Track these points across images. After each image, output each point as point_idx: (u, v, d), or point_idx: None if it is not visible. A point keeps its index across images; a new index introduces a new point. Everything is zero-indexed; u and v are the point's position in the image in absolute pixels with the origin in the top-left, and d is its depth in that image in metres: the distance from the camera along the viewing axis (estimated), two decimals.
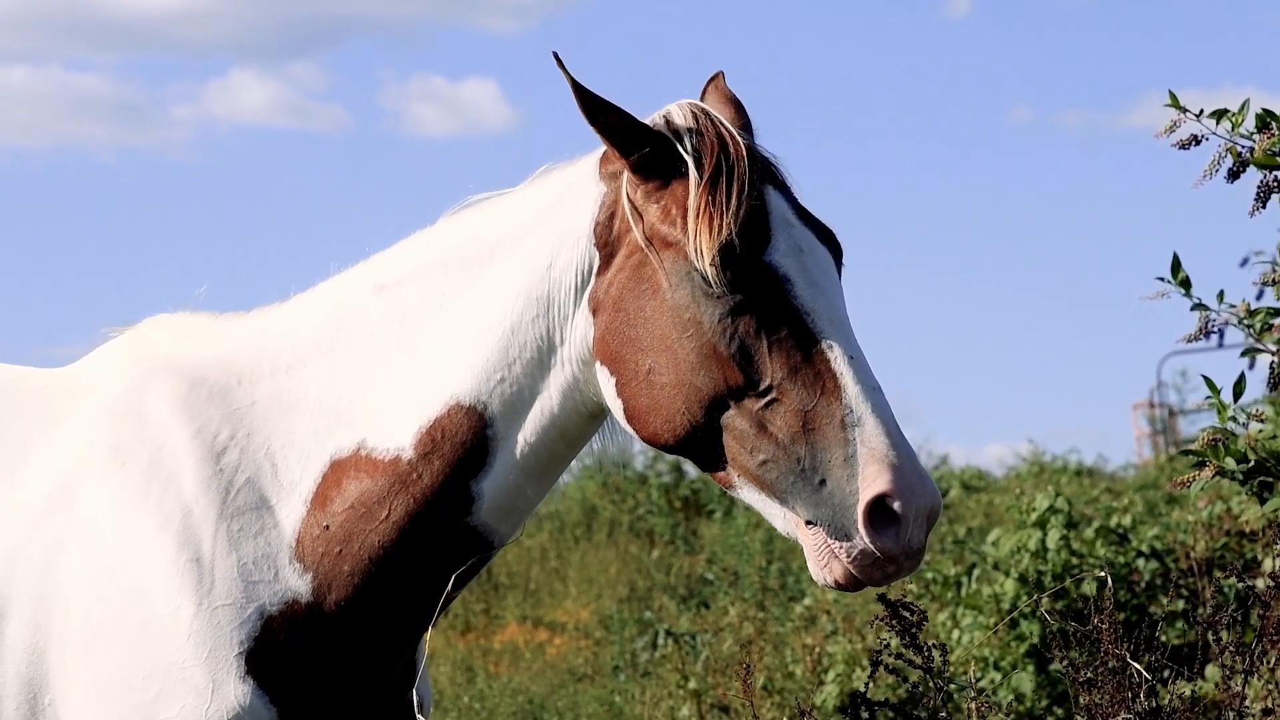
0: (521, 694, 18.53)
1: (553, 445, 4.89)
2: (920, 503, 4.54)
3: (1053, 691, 11.97)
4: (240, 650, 4.80)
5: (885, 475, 4.51)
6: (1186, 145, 5.81)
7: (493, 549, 4.94)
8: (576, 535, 26.54)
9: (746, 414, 4.65)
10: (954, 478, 28.37)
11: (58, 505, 4.96)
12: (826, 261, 4.78)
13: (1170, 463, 25.57)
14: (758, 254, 4.68)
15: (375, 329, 4.97)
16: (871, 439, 4.55)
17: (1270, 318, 6.01)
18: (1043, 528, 12.52)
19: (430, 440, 4.87)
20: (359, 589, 4.86)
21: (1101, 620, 6.04)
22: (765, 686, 13.81)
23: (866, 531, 4.53)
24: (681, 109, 4.83)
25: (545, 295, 4.85)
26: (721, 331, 4.65)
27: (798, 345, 4.64)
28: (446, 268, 4.97)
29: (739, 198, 4.68)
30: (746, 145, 4.78)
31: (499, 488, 4.88)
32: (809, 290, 4.69)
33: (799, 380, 4.62)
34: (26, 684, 4.91)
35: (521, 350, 4.86)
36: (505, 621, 24.10)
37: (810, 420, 4.60)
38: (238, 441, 4.96)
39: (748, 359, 4.65)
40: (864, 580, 4.61)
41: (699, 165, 4.73)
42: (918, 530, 4.55)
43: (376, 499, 4.87)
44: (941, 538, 19.47)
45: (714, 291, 4.66)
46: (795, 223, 4.76)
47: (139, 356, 5.14)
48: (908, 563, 4.59)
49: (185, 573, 4.84)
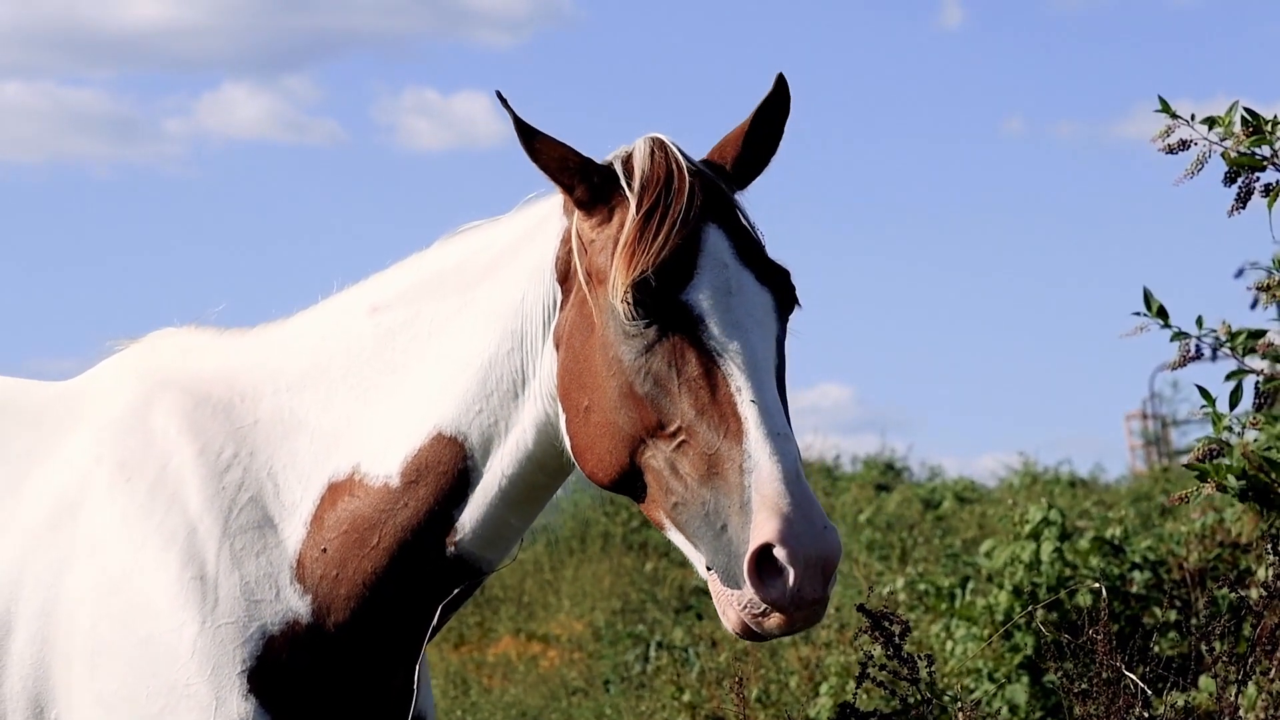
0: (515, 707, 18.52)
1: (531, 476, 4.89)
2: (810, 553, 4.41)
3: (1046, 703, 11.97)
4: (243, 669, 4.82)
5: (772, 524, 4.40)
6: (1175, 150, 5.83)
7: (482, 575, 4.97)
8: (570, 548, 26.51)
9: (662, 455, 4.60)
10: (947, 489, 28.35)
11: (63, 520, 4.99)
12: (758, 304, 4.67)
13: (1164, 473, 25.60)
14: (675, 292, 4.60)
15: (369, 354, 5.00)
16: (765, 485, 4.44)
17: (1251, 340, 6.02)
18: (1036, 539, 12.53)
19: (415, 469, 4.90)
20: (355, 612, 4.89)
21: (1096, 631, 6.06)
22: (760, 698, 13.81)
23: (752, 581, 4.42)
24: (644, 142, 4.75)
25: (519, 329, 4.86)
26: (637, 370, 4.61)
27: (707, 386, 4.56)
28: (436, 295, 4.99)
29: (667, 234, 4.61)
30: (697, 183, 4.69)
31: (480, 518, 4.90)
32: (726, 331, 4.59)
33: (705, 422, 4.54)
34: (33, 699, 4.93)
35: (498, 383, 4.87)
36: (499, 634, 24.07)
37: (714, 464, 4.52)
38: (240, 460, 4.99)
39: (660, 398, 4.59)
40: (758, 631, 4.49)
41: (639, 200, 4.67)
42: (809, 582, 4.41)
43: (368, 525, 4.90)
44: (935, 549, 19.49)
45: (630, 329, 4.61)
46: (731, 263, 4.66)
47: (145, 371, 5.17)
48: (798, 614, 4.44)
49: (189, 590, 4.86)
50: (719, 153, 4.88)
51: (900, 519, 24.62)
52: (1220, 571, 12.25)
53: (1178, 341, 6.05)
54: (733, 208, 4.76)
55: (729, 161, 4.84)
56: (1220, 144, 5.81)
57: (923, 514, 25.42)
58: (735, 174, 4.84)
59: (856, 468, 32.48)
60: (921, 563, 17.30)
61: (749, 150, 4.85)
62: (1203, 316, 6.03)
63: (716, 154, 4.88)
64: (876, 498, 27.25)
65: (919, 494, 27.67)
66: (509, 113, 4.73)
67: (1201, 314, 6.03)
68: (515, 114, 4.74)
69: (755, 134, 4.84)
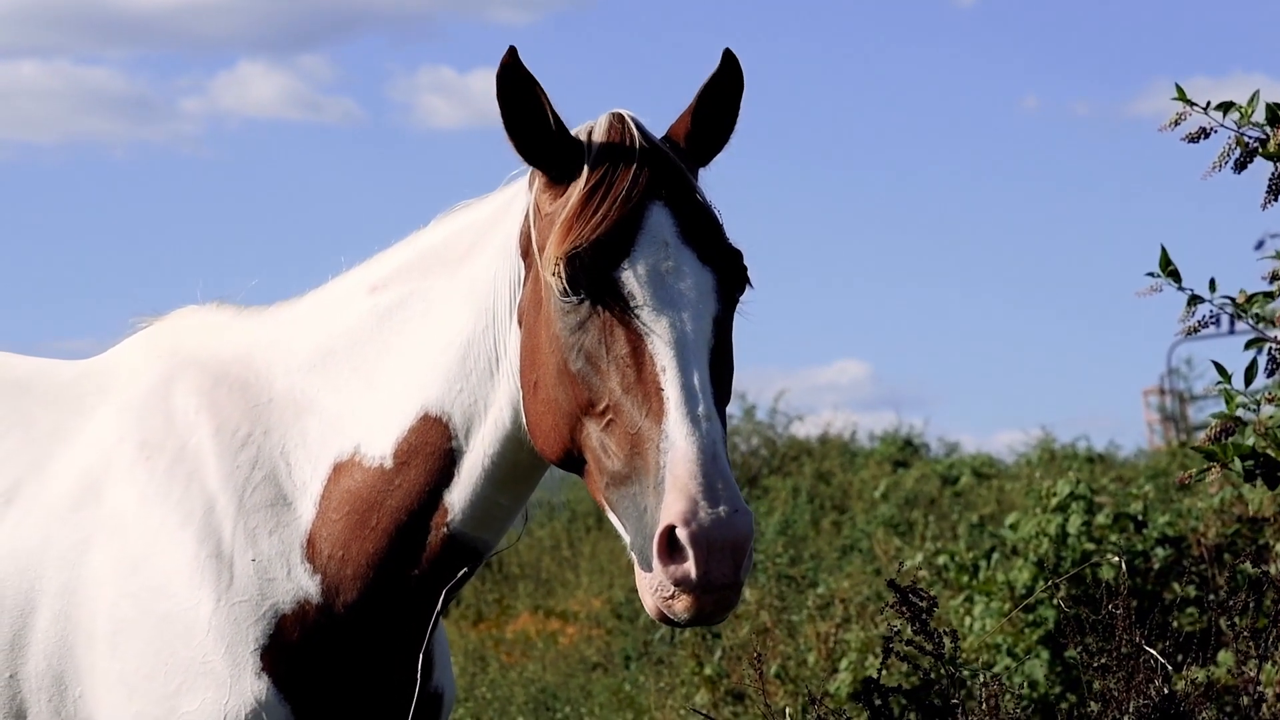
0: (534, 683, 18.55)
1: (513, 455, 4.84)
2: (715, 535, 4.30)
3: (1066, 678, 11.98)
4: (256, 646, 4.84)
5: (679, 505, 4.31)
6: (1195, 139, 5.82)
7: (480, 556, 4.95)
8: (588, 525, 26.54)
9: (595, 434, 4.54)
10: (964, 465, 28.31)
11: (86, 500, 5.01)
12: (697, 285, 4.58)
13: (1181, 449, 25.56)
14: (609, 269, 4.54)
15: (368, 334, 5.01)
16: (678, 466, 4.35)
17: (1266, 301, 5.98)
18: (1062, 513, 12.52)
19: (406, 450, 4.90)
20: (362, 593, 4.90)
21: (1116, 606, 6.06)
22: (778, 674, 13.82)
23: (659, 562, 4.34)
24: (606, 117, 4.71)
25: (491, 307, 4.84)
26: (570, 346, 4.56)
27: (634, 365, 4.49)
28: (426, 274, 4.98)
29: (608, 210, 4.56)
30: (648, 159, 4.63)
31: (469, 498, 4.88)
32: (655, 309, 4.52)
33: (630, 400, 4.47)
34: (57, 678, 4.95)
35: (476, 361, 4.85)
36: (517, 611, 24.13)
37: (635, 444, 4.44)
38: (254, 439, 5.00)
39: (591, 376, 4.54)
40: (669, 615, 4.39)
41: (587, 175, 4.62)
42: (716, 565, 4.31)
43: (367, 506, 4.91)
44: (954, 524, 19.48)
45: (564, 304, 4.56)
46: (671, 241, 4.59)
47: (167, 350, 5.20)
48: (705, 597, 4.34)
49: (205, 568, 4.88)
50: (674, 130, 4.81)
51: (918, 495, 24.62)
52: (1239, 547, 12.25)
53: (1191, 305, 6.01)
54: (685, 185, 4.69)
55: (682, 138, 4.79)
56: (1236, 130, 5.80)
57: (940, 490, 25.41)
58: (691, 151, 4.78)
59: (874, 444, 32.46)
60: (939, 539, 17.30)
61: (699, 127, 4.78)
62: (1215, 279, 5.99)
63: (672, 131, 4.81)
64: (894, 474, 27.23)
65: (937, 470, 27.66)
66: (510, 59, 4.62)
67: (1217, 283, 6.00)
68: (513, 60, 4.62)
69: (703, 111, 4.77)
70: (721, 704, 14.70)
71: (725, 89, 4.77)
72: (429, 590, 4.92)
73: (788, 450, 30.39)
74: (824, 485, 27.15)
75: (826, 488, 26.93)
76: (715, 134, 4.80)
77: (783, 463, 29.56)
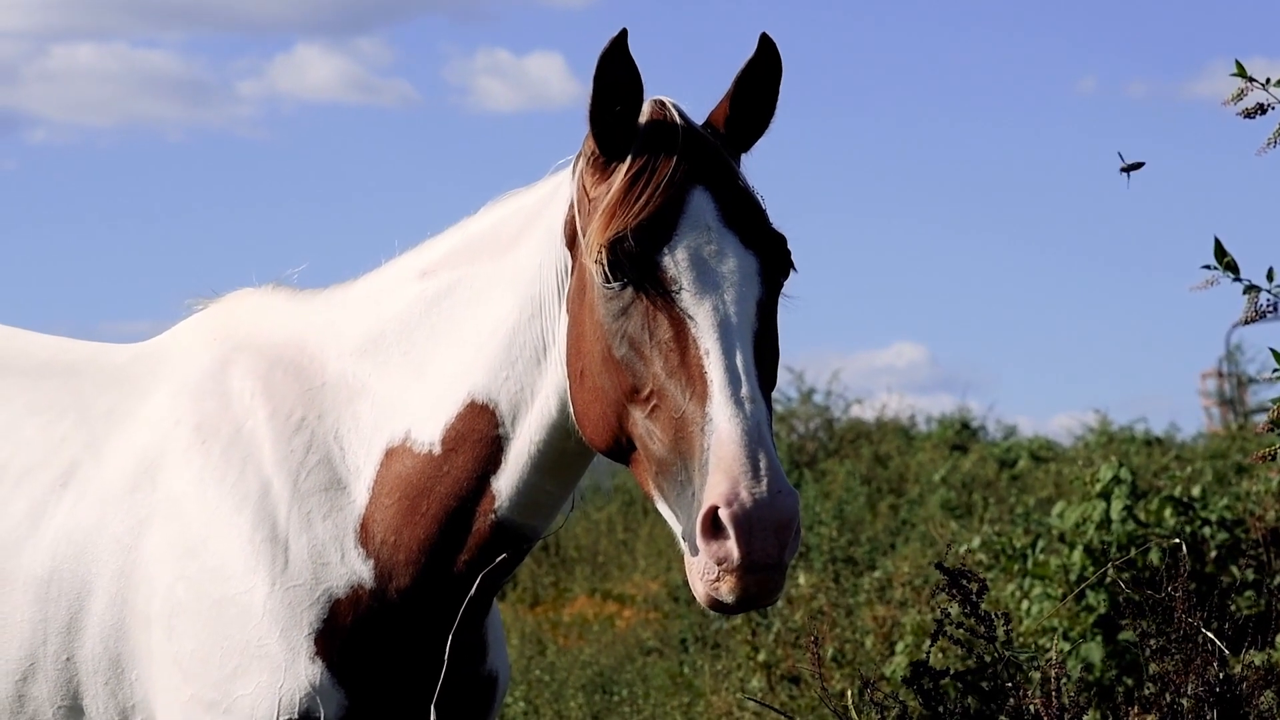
0: (590, 666, 18.56)
1: (560, 443, 4.85)
2: (757, 515, 4.29)
3: (1121, 661, 11.94)
4: (310, 631, 4.87)
5: (722, 485, 4.31)
6: (1253, 114, 5.77)
7: (529, 542, 4.96)
8: (645, 508, 26.53)
9: (641, 421, 4.54)
10: (1022, 448, 28.21)
11: (142, 483, 5.04)
12: (740, 268, 4.57)
13: (1240, 432, 25.41)
14: (652, 253, 4.54)
15: (418, 319, 5.02)
16: (721, 447, 4.35)
17: None
18: (1106, 498, 12.46)
19: (454, 437, 4.91)
20: (415, 579, 4.92)
21: (1174, 588, 6.02)
22: (835, 658, 13.81)
23: (703, 543, 4.33)
24: (648, 104, 4.70)
25: (538, 295, 4.84)
26: (614, 333, 4.57)
27: (677, 349, 4.49)
28: (474, 260, 4.99)
29: (650, 195, 4.56)
30: (690, 145, 4.63)
31: (517, 485, 4.89)
32: (698, 293, 4.52)
33: (674, 384, 4.47)
34: (114, 661, 4.99)
35: (522, 349, 4.85)
36: (574, 594, 24.15)
37: (680, 427, 4.44)
38: (308, 423, 5.02)
39: (635, 362, 4.54)
40: (716, 599, 4.36)
41: (630, 161, 4.62)
42: (760, 545, 4.30)
43: (418, 492, 4.92)
44: (1010, 508, 19.42)
45: (607, 291, 4.57)
46: (714, 225, 4.59)
47: (223, 332, 5.22)
48: (750, 578, 4.32)
49: (260, 552, 4.90)
50: (714, 116, 4.80)
51: (975, 478, 24.54)
52: None
53: (1248, 296, 5.96)
54: (727, 171, 4.69)
55: (722, 124, 4.78)
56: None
57: (998, 473, 25.33)
58: (731, 136, 4.78)
59: (931, 427, 32.37)
60: (997, 522, 17.25)
61: (738, 113, 4.78)
62: (1274, 269, 5.93)
63: (712, 117, 4.81)
64: (951, 457, 27.16)
65: (994, 453, 27.57)
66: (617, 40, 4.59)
67: (1275, 272, 5.94)
68: (622, 41, 4.60)
69: (741, 96, 4.76)
70: (779, 688, 14.69)
71: (763, 74, 4.75)
72: (475, 575, 4.92)
73: (845, 433, 30.33)
74: (881, 469, 27.10)
75: (884, 471, 26.88)
76: (755, 119, 4.79)
77: (840, 445, 29.52)
